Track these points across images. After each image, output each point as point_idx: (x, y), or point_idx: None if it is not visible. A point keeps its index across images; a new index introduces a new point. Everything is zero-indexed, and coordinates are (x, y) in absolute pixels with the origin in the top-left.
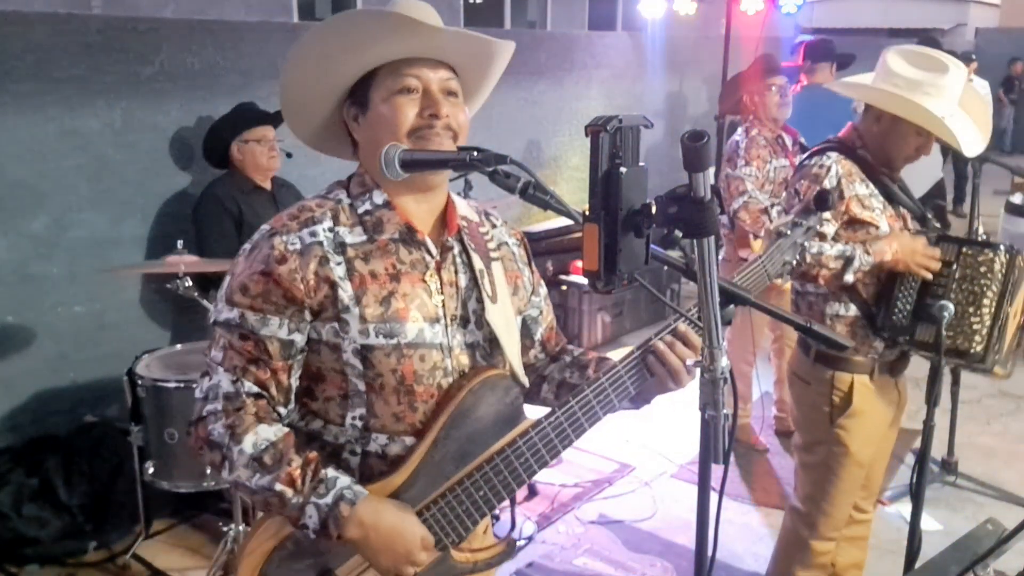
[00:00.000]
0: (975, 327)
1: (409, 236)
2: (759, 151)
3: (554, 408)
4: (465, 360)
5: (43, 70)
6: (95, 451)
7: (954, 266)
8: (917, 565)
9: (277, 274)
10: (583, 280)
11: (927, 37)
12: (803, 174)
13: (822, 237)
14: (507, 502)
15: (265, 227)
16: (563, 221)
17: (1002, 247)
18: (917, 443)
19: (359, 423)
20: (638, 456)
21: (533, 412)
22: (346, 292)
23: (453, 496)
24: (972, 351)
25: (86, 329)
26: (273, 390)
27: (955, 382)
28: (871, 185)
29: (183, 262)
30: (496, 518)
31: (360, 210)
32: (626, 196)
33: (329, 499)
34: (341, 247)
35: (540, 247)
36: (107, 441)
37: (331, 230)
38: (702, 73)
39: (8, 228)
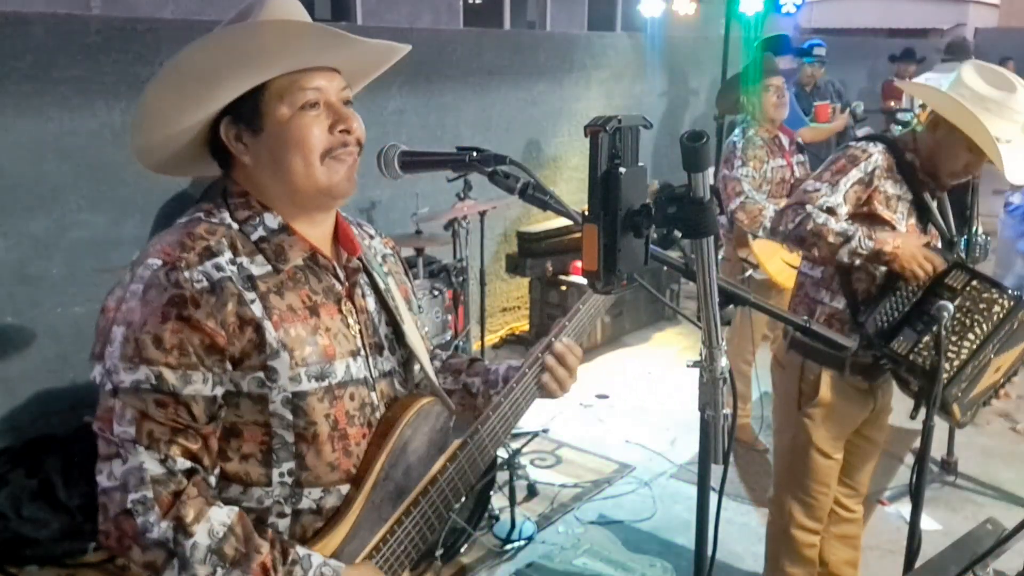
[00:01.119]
0: (950, 355)
1: (315, 263)
2: (756, 151)
3: (475, 425)
4: (387, 390)
5: (42, 71)
6: (95, 451)
7: (959, 295)
8: (917, 565)
9: (195, 319)
10: (582, 280)
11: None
12: (844, 153)
13: (831, 212)
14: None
15: (152, 261)
16: (562, 221)
17: (1009, 292)
18: (916, 443)
19: (288, 479)
20: (638, 456)
21: None
22: (271, 334)
23: (394, 538)
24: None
25: (86, 329)
26: (205, 460)
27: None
28: (905, 188)
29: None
30: (496, 518)
31: (254, 237)
32: (625, 196)
33: None
34: (250, 281)
35: (540, 247)
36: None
37: (233, 262)
38: (701, 73)
39: (8, 228)
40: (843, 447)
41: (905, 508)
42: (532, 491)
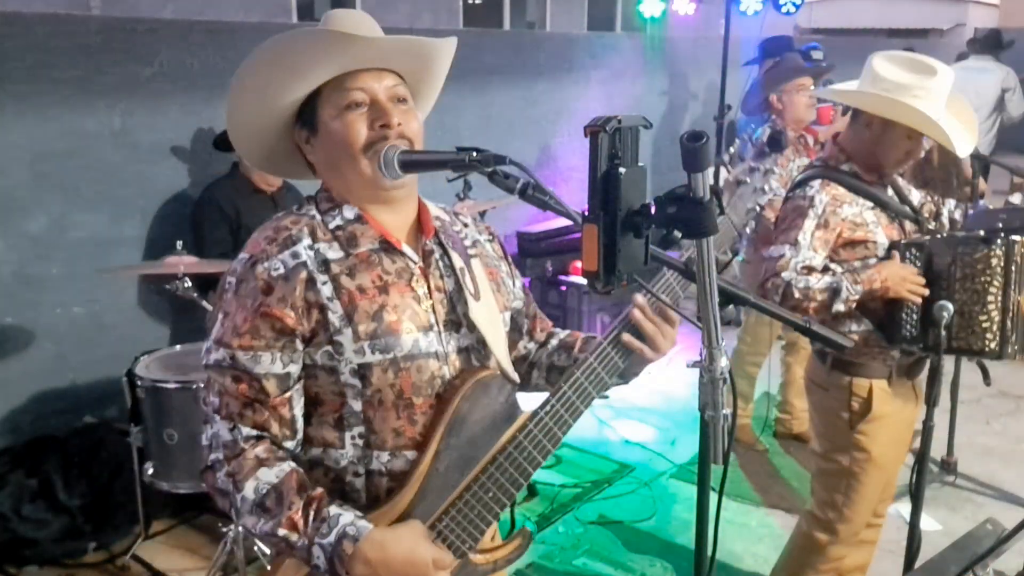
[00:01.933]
0: (984, 325)
1: (387, 247)
2: (785, 151)
3: (548, 396)
4: (461, 364)
5: (42, 71)
6: (94, 452)
7: (953, 266)
8: (916, 565)
9: (266, 306)
10: (582, 281)
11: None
12: (788, 208)
13: (810, 271)
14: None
15: (243, 255)
16: (562, 222)
17: (998, 240)
18: (917, 443)
19: (359, 442)
20: (638, 456)
21: (528, 400)
22: (336, 313)
23: (463, 503)
24: (987, 349)
25: (85, 330)
26: (275, 428)
27: (954, 380)
28: (860, 202)
29: (182, 263)
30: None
31: (332, 225)
32: (625, 196)
33: (332, 538)
34: (325, 265)
35: (539, 248)
36: (106, 442)
37: (311, 247)
38: (701, 73)
39: (7, 229)
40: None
41: (905, 508)
42: (532, 491)
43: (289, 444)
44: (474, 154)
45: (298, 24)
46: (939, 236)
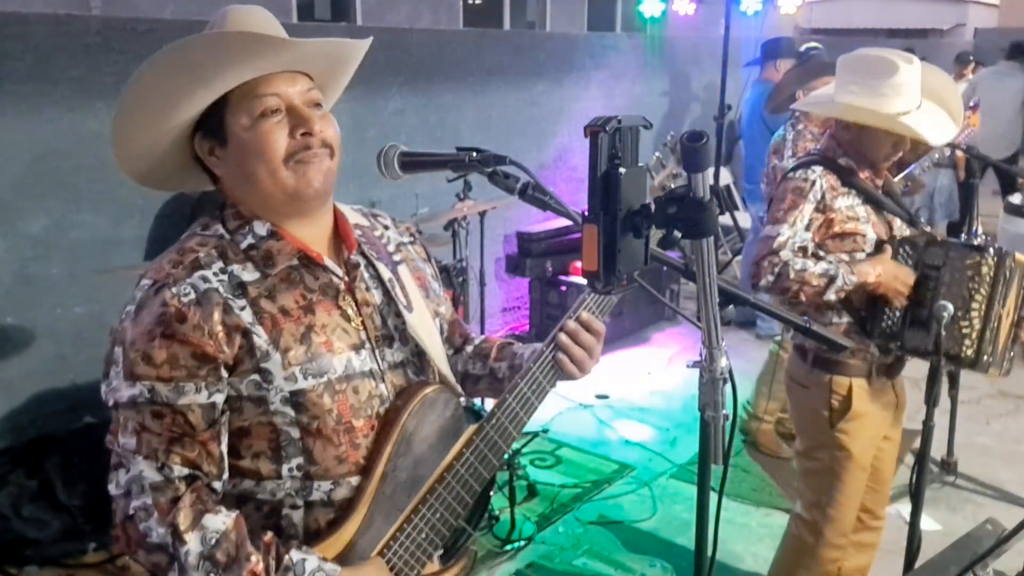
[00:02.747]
0: (964, 331)
1: (307, 262)
2: (807, 144)
3: (492, 408)
4: (399, 381)
5: (42, 71)
6: (94, 452)
7: (942, 270)
8: (917, 565)
9: (181, 334)
10: (582, 281)
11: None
12: (788, 186)
13: (804, 252)
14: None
15: (145, 281)
16: (562, 222)
17: (991, 250)
18: (917, 443)
19: (298, 473)
20: (638, 456)
21: None
22: (261, 338)
23: (412, 527)
24: (963, 355)
25: (86, 330)
26: (205, 465)
27: (952, 386)
28: (854, 195)
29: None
30: (496, 518)
31: (243, 245)
32: (625, 197)
33: None
34: (241, 288)
35: (539, 248)
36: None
37: (223, 271)
38: (701, 73)
39: (7, 229)
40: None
41: (905, 508)
42: (532, 491)
43: (218, 485)
44: (474, 154)
45: (298, 24)
46: (934, 237)
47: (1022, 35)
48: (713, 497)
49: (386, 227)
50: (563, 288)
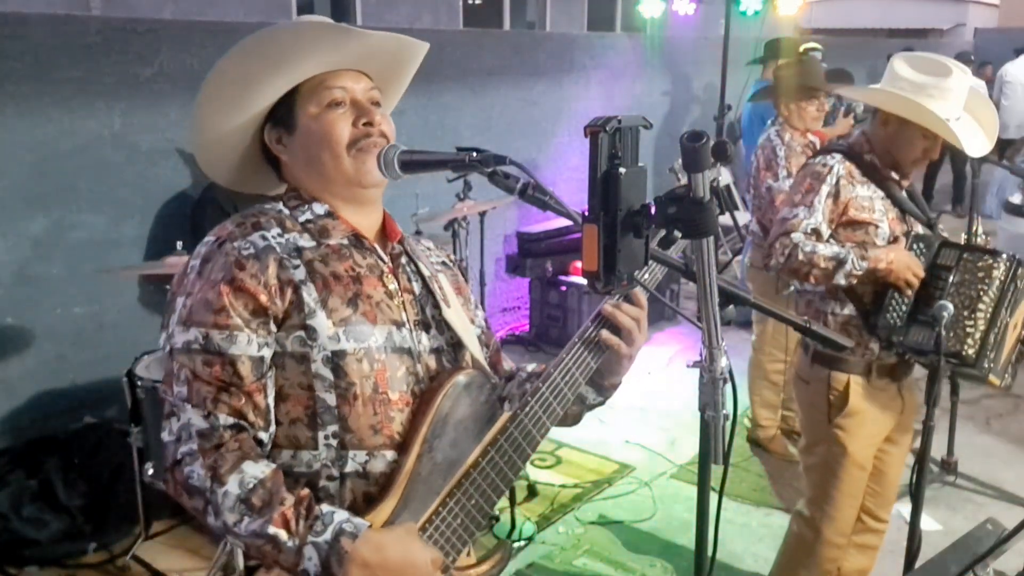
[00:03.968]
0: (968, 330)
1: (358, 242)
2: (798, 159)
3: (526, 397)
4: (433, 365)
5: (42, 71)
6: (95, 452)
7: (952, 271)
8: (917, 565)
9: (239, 281)
10: (582, 281)
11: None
12: (807, 172)
13: (818, 236)
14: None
15: (209, 238)
16: (562, 222)
17: (1004, 255)
18: (917, 443)
19: (333, 442)
20: (638, 456)
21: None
22: (311, 295)
23: (447, 511)
24: (964, 353)
25: (86, 330)
26: (251, 416)
27: (954, 392)
28: (874, 188)
29: (182, 263)
30: (496, 519)
31: (301, 219)
32: (625, 197)
33: (328, 535)
34: (297, 251)
35: (539, 248)
36: (107, 442)
37: (281, 235)
38: (701, 73)
39: (8, 229)
40: (873, 455)
41: (905, 508)
42: (532, 491)
43: (264, 436)
44: (474, 154)
45: None
46: (949, 240)
47: (1022, 35)
48: (713, 497)
49: (428, 248)
50: (563, 288)
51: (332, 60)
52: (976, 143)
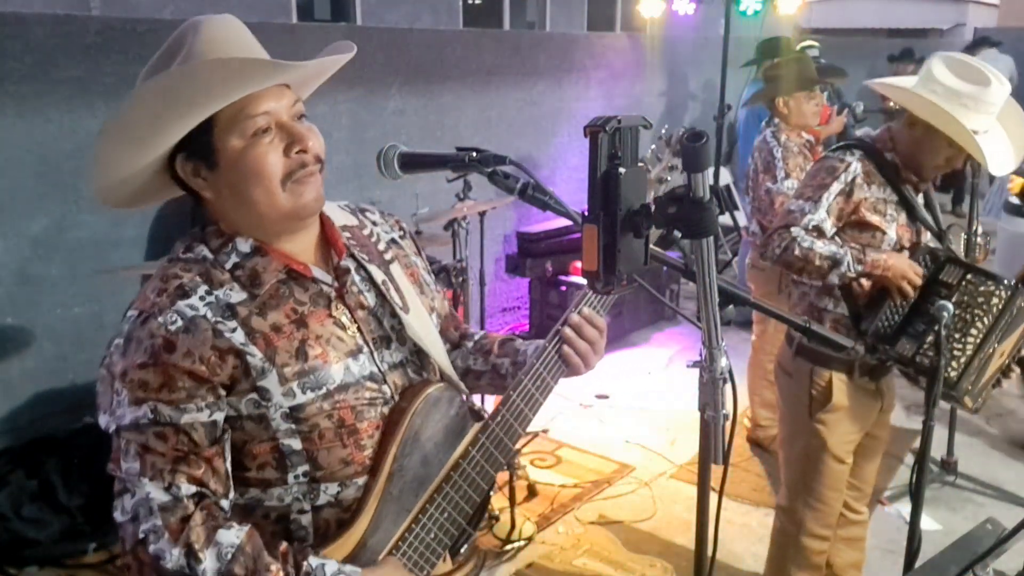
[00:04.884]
0: (955, 353)
1: (295, 276)
2: (796, 160)
3: (497, 406)
4: (399, 381)
5: (42, 71)
6: (95, 452)
7: (953, 292)
8: (917, 565)
9: (172, 363)
10: (582, 281)
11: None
12: (822, 164)
13: (820, 233)
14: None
15: (131, 312)
16: (562, 222)
17: (1005, 282)
18: (916, 443)
19: (304, 479)
20: (638, 456)
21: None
22: (255, 357)
23: (420, 527)
24: (946, 376)
25: (86, 330)
26: (212, 484)
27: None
28: (889, 191)
29: None
30: (496, 518)
31: (228, 265)
32: (625, 197)
33: None
34: (230, 309)
35: (539, 248)
36: (106, 442)
37: (209, 293)
38: (701, 73)
39: (8, 229)
40: (852, 450)
41: (905, 508)
42: (532, 491)
43: (225, 504)
44: (474, 154)
45: (298, 25)
46: (956, 257)
47: (1022, 35)
48: (713, 497)
49: (375, 223)
50: (563, 288)
51: (247, 88)
52: (1001, 160)
